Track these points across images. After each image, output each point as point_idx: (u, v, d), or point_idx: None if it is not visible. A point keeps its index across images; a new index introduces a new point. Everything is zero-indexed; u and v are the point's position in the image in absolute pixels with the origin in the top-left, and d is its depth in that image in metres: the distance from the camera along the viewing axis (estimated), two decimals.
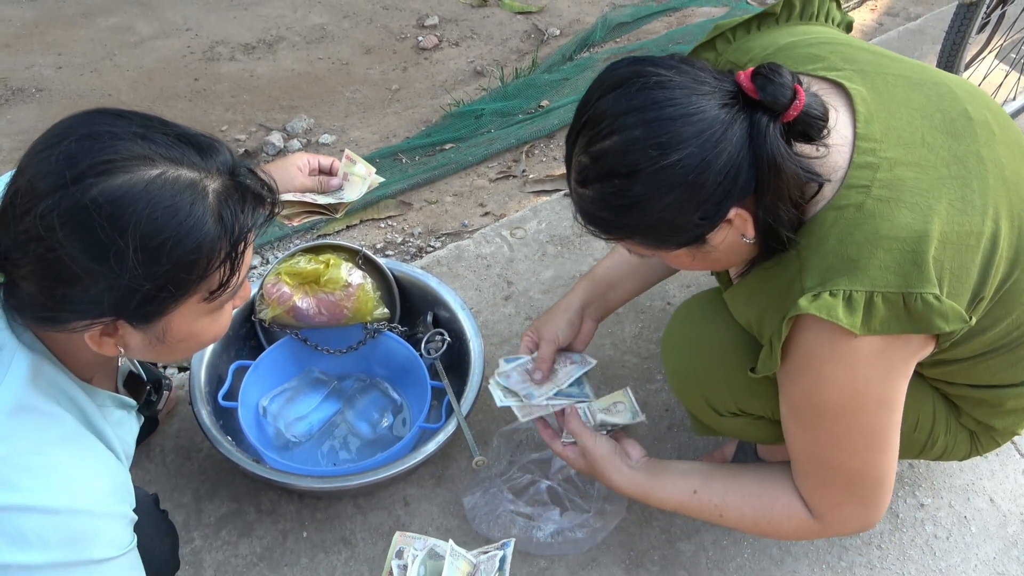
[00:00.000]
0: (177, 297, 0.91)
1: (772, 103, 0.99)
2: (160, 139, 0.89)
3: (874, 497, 1.19)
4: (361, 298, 1.76)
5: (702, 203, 1.01)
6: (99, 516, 0.92)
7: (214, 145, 0.93)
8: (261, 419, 1.71)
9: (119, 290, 0.87)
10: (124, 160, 0.86)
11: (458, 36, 3.10)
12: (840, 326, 1.02)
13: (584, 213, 1.10)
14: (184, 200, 0.87)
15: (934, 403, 1.32)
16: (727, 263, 1.15)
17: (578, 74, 2.88)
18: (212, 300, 0.96)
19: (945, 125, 1.10)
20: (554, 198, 2.31)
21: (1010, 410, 1.33)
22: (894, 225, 1.03)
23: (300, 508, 1.65)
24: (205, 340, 1.01)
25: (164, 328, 0.94)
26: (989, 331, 1.16)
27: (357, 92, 2.84)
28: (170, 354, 1.01)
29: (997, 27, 2.35)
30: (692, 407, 1.44)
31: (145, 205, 0.85)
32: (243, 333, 1.79)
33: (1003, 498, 1.70)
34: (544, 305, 2.03)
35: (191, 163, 0.90)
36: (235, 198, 0.93)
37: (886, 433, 1.14)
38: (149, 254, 0.86)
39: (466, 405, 1.65)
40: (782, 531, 1.27)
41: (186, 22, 3.12)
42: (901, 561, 1.61)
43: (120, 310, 0.89)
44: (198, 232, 0.88)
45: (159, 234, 0.86)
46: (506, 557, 1.34)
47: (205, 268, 0.91)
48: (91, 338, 0.92)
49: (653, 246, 1.10)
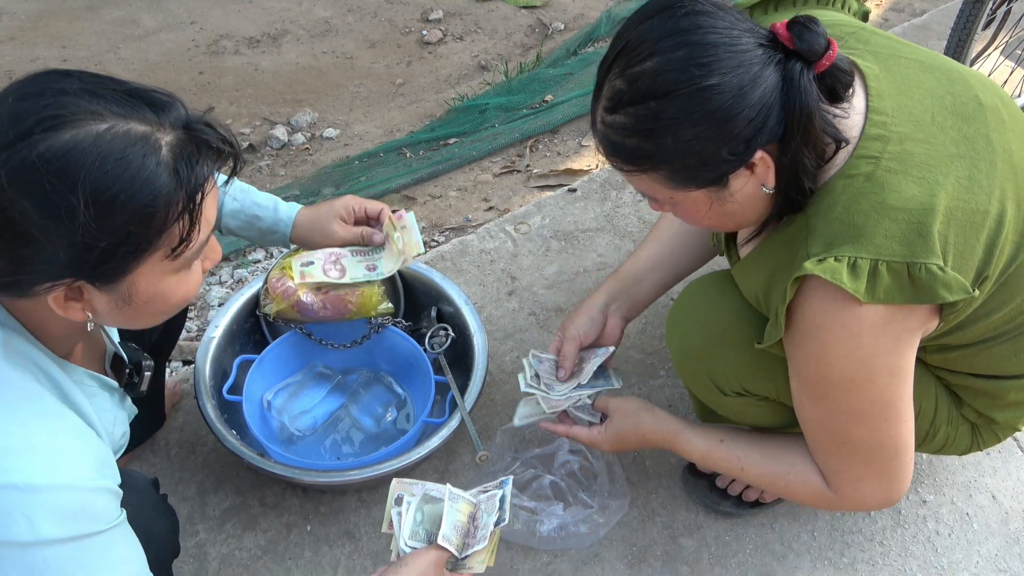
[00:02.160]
0: (137, 254, 0.89)
1: (807, 51, 1.01)
2: (109, 95, 0.88)
3: (894, 469, 1.19)
4: (365, 293, 1.76)
5: (733, 137, 1.01)
6: (84, 491, 0.91)
7: (168, 101, 0.91)
8: (265, 413, 1.72)
9: (75, 247, 0.85)
10: (71, 115, 0.84)
11: (462, 30, 3.10)
12: (844, 290, 1.03)
13: (609, 143, 1.08)
14: (135, 153, 0.85)
15: (936, 392, 1.33)
16: (741, 217, 1.14)
17: (582, 69, 2.88)
18: (176, 257, 0.93)
19: (956, 107, 1.11)
20: (558, 193, 2.31)
21: (1012, 403, 1.33)
22: (901, 196, 1.04)
23: (304, 502, 1.66)
24: (174, 301, 0.98)
25: (129, 289, 0.92)
26: (993, 315, 1.17)
27: (361, 86, 2.84)
28: (139, 317, 0.98)
29: (1003, 23, 2.34)
30: (696, 387, 1.44)
31: (94, 159, 0.83)
32: (247, 327, 1.80)
33: (1005, 495, 1.70)
34: (548, 301, 2.03)
35: (142, 118, 0.88)
36: (190, 150, 0.90)
37: (898, 402, 1.14)
38: (101, 209, 0.84)
39: (470, 400, 1.65)
40: (797, 495, 1.30)
41: (190, 15, 3.12)
42: (903, 557, 1.61)
43: (79, 269, 0.87)
44: (151, 185, 0.86)
45: (110, 188, 0.84)
46: (505, 496, 1.33)
47: (163, 222, 0.88)
48: (55, 301, 0.90)
49: (674, 183, 1.08)
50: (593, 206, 2.26)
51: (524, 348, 1.93)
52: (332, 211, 1.52)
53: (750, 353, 1.27)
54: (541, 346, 1.93)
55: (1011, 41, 2.48)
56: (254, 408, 1.68)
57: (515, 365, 1.90)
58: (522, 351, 1.92)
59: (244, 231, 1.50)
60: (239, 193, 1.48)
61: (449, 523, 1.28)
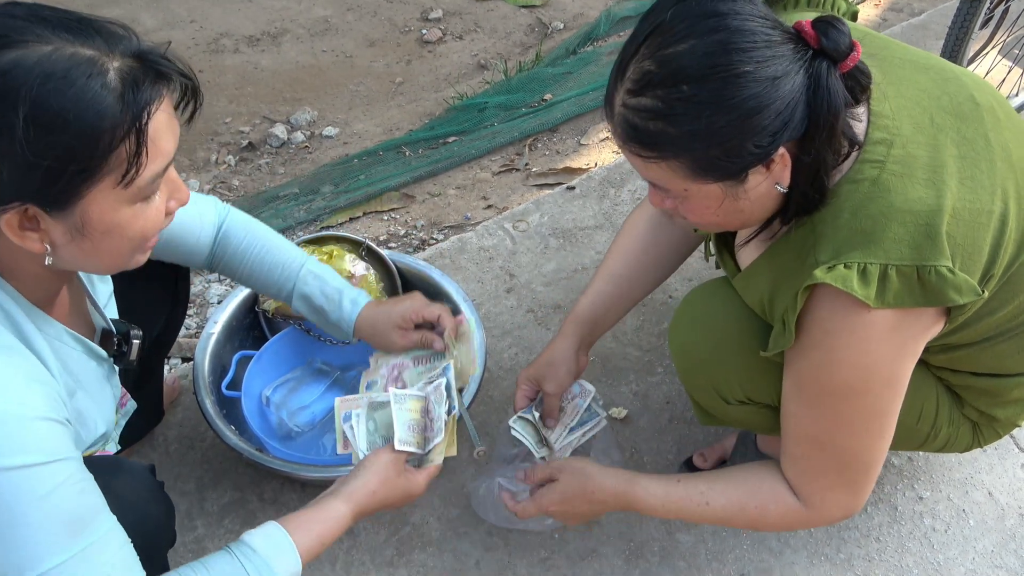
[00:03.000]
0: (84, 176, 0.88)
1: (833, 50, 0.99)
2: (58, 22, 0.87)
3: (863, 483, 1.20)
4: (364, 289, 1.77)
5: (760, 130, 0.99)
6: (29, 419, 0.90)
7: (121, 33, 0.91)
8: (264, 409, 1.72)
9: (18, 167, 0.84)
10: (17, 37, 0.84)
11: (462, 29, 3.10)
12: (855, 297, 1.03)
13: (629, 127, 1.03)
14: (79, 73, 0.85)
15: (938, 394, 1.33)
16: (748, 216, 1.12)
17: (581, 68, 2.89)
18: (128, 185, 0.91)
19: (953, 107, 1.11)
20: (556, 191, 2.32)
21: (1013, 400, 1.34)
22: (908, 199, 1.04)
23: (303, 497, 1.66)
24: (131, 234, 0.96)
25: (82, 217, 0.91)
26: (996, 313, 1.17)
27: (361, 85, 2.85)
28: (100, 254, 0.96)
29: (1000, 23, 2.35)
30: (698, 395, 1.44)
31: (36, 77, 0.83)
32: (246, 324, 1.80)
33: (1001, 492, 1.71)
34: (546, 298, 2.04)
35: (91, 44, 0.87)
36: (137, 74, 0.89)
37: (887, 416, 1.15)
38: (42, 126, 0.83)
39: (468, 396, 1.66)
40: (768, 515, 1.26)
41: (191, 14, 3.13)
42: (899, 553, 1.62)
43: (26, 191, 0.87)
44: (96, 105, 0.85)
45: (51, 106, 0.84)
46: (450, 382, 1.35)
47: (108, 144, 0.87)
48: (8, 227, 0.89)
49: (692, 173, 1.04)
50: (591, 204, 2.26)
51: (522, 345, 1.94)
52: (391, 320, 1.47)
53: (755, 362, 1.26)
54: (540, 343, 1.93)
55: (1009, 41, 2.49)
56: (253, 404, 1.68)
57: (513, 362, 1.90)
58: (520, 348, 1.93)
59: (312, 317, 1.49)
60: (312, 279, 1.45)
61: (402, 424, 1.26)
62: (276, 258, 1.45)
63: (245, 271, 1.46)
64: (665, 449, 1.76)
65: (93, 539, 0.94)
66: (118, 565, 0.96)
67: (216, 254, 1.44)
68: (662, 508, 1.31)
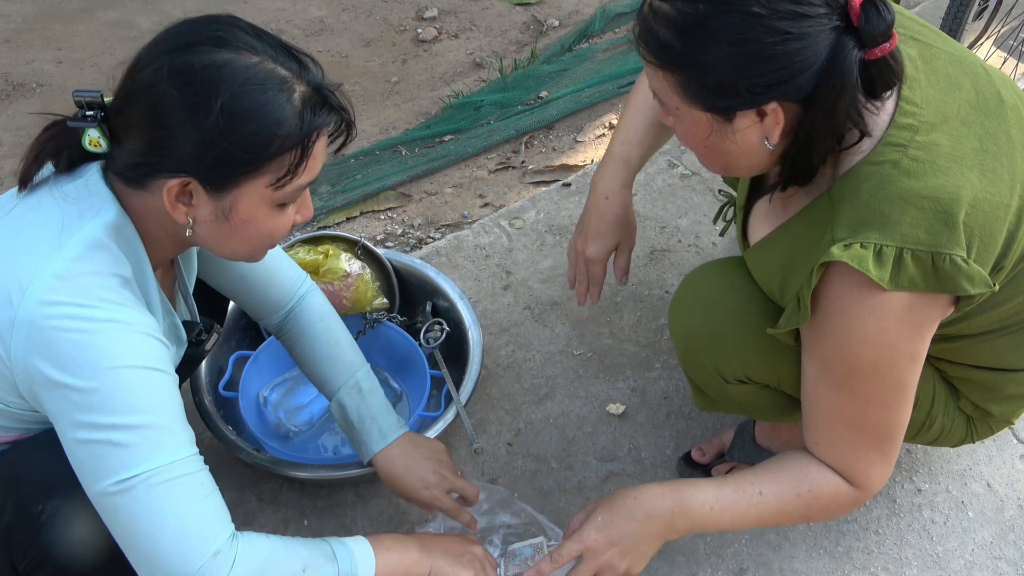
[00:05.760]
0: (248, 169, 1.01)
1: (867, 34, 0.99)
2: (269, 40, 1.04)
3: (895, 451, 1.21)
4: (360, 288, 1.77)
5: (756, 75, 1.00)
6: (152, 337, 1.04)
7: (310, 62, 1.06)
8: (262, 409, 1.72)
9: (201, 144, 0.98)
10: (235, 42, 1.00)
11: (457, 28, 3.10)
12: (869, 278, 1.03)
13: (647, 29, 1.05)
14: (272, 85, 1.00)
15: (934, 383, 1.33)
16: (732, 159, 1.12)
17: (577, 65, 2.88)
18: (278, 188, 1.04)
19: (979, 103, 1.12)
20: (552, 188, 2.32)
21: (1009, 396, 1.34)
22: (927, 185, 1.04)
23: (301, 497, 1.66)
24: (263, 230, 1.09)
25: (232, 203, 1.04)
26: (1001, 307, 1.18)
27: (357, 84, 2.84)
28: (231, 238, 1.09)
29: (994, 14, 2.35)
30: (697, 375, 1.43)
31: (239, 79, 0.98)
32: (243, 324, 1.80)
33: (1000, 483, 1.71)
34: (542, 295, 2.04)
35: (287, 66, 1.03)
36: (315, 102, 1.04)
37: (912, 387, 1.15)
38: (231, 116, 0.98)
39: (465, 393, 1.66)
40: (822, 497, 1.21)
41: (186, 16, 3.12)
42: (898, 546, 1.62)
43: (198, 166, 1.00)
44: (277, 113, 1.00)
45: (243, 104, 0.98)
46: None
47: (278, 148, 1.01)
48: (168, 194, 1.01)
49: (685, 93, 1.05)
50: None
51: (519, 342, 1.94)
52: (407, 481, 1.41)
53: (754, 340, 1.26)
54: (537, 340, 1.93)
55: (1003, 32, 2.49)
56: (250, 404, 1.68)
57: (510, 359, 1.90)
58: (517, 345, 1.93)
59: (341, 426, 1.47)
60: (355, 393, 1.44)
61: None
62: (336, 355, 1.47)
63: (304, 351, 1.48)
64: (663, 444, 1.76)
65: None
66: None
67: (288, 320, 1.48)
68: (717, 507, 1.21)
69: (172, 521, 1.01)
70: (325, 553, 1.13)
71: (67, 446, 1.01)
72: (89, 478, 1.00)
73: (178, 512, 1.01)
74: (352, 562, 1.13)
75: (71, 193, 1.05)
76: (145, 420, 1.00)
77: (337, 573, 1.11)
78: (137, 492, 0.99)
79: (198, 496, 1.04)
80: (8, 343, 0.98)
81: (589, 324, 1.97)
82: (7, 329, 0.98)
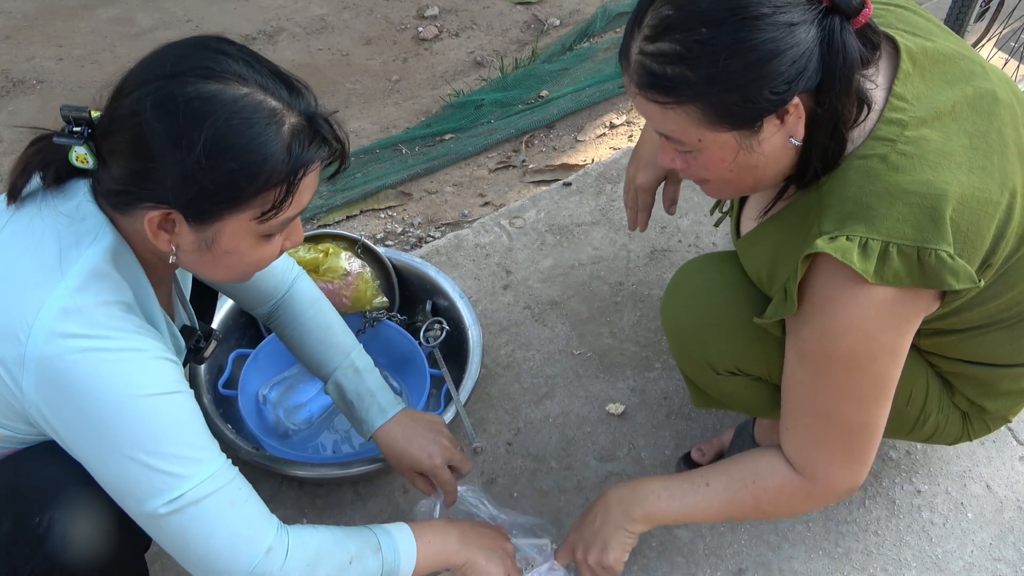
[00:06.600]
0: (232, 204, 0.99)
1: (844, 5, 1.00)
2: (259, 68, 1.00)
3: (864, 455, 1.20)
4: (360, 287, 1.77)
5: (776, 76, 1.00)
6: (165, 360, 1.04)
7: (303, 89, 1.03)
8: (261, 407, 1.72)
9: (183, 177, 0.96)
10: (222, 72, 0.97)
11: (458, 26, 3.10)
12: (854, 270, 1.03)
13: (647, 74, 1.04)
14: (260, 119, 0.97)
15: (928, 378, 1.33)
16: (761, 172, 1.12)
17: (578, 64, 2.88)
18: (263, 222, 1.02)
19: (973, 101, 1.12)
20: (553, 188, 2.31)
21: (1003, 392, 1.34)
22: (915, 180, 1.04)
23: (300, 495, 1.66)
24: (247, 261, 1.07)
25: (214, 235, 1.02)
26: (990, 303, 1.18)
27: (357, 83, 2.84)
28: (215, 266, 1.07)
29: (996, 15, 2.35)
30: (689, 367, 1.44)
31: (225, 112, 0.95)
32: (242, 322, 1.80)
33: (999, 484, 1.71)
34: (542, 294, 2.03)
35: (278, 96, 0.99)
36: (306, 135, 1.01)
37: (889, 385, 1.15)
38: (215, 151, 0.95)
39: (464, 393, 1.66)
40: (768, 489, 1.26)
41: (187, 13, 3.13)
42: (897, 547, 1.62)
43: (179, 199, 0.98)
44: (263, 149, 0.97)
45: (227, 139, 0.95)
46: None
47: (263, 184, 0.98)
48: (150, 223, 0.99)
49: (708, 120, 1.04)
50: (588, 200, 2.26)
51: (519, 342, 1.94)
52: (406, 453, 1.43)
53: (745, 329, 1.27)
54: (537, 339, 1.93)
55: (1005, 33, 2.49)
56: (250, 403, 1.68)
57: (510, 359, 1.90)
58: (517, 344, 1.93)
59: (339, 405, 1.48)
60: (352, 373, 1.45)
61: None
62: (329, 338, 1.46)
63: (296, 337, 1.48)
64: (663, 444, 1.76)
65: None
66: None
67: (279, 308, 1.48)
68: (665, 495, 1.31)
69: (220, 531, 1.04)
70: (371, 544, 1.18)
71: (97, 473, 1.02)
72: (130, 500, 1.02)
73: (225, 521, 1.04)
74: (396, 553, 1.19)
75: (65, 215, 1.03)
76: (177, 444, 1.01)
77: (382, 564, 1.17)
78: (184, 512, 1.01)
79: (241, 501, 1.07)
80: (19, 380, 0.97)
81: (589, 324, 1.97)
82: (16, 366, 0.97)
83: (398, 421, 1.43)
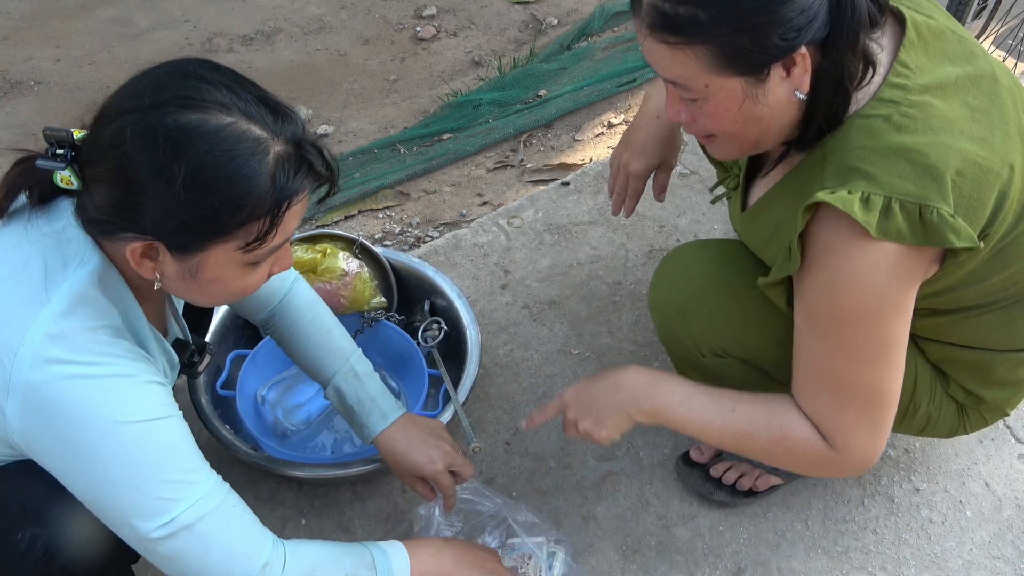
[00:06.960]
0: (214, 236, 0.97)
1: None
2: (243, 95, 0.97)
3: (884, 419, 1.18)
4: (358, 287, 1.77)
5: (786, 21, 1.00)
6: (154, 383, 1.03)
7: (290, 115, 1.00)
8: (260, 408, 1.72)
9: (164, 211, 0.94)
10: (204, 101, 0.94)
11: (456, 26, 3.10)
12: (856, 222, 1.04)
13: (658, 14, 1.04)
14: (244, 150, 0.94)
15: (917, 366, 1.33)
16: (765, 125, 1.12)
17: (576, 63, 2.88)
18: (248, 252, 1.00)
19: (975, 79, 1.13)
20: (551, 187, 2.31)
21: (1000, 380, 1.34)
22: (918, 140, 1.05)
23: (299, 495, 1.66)
24: (233, 289, 1.06)
25: (198, 264, 1.00)
26: (986, 280, 1.18)
27: (355, 83, 2.84)
28: (200, 293, 1.06)
29: (994, 13, 2.35)
30: (676, 350, 1.45)
31: (206, 144, 0.92)
32: (240, 322, 1.80)
33: (998, 483, 1.71)
34: (541, 294, 2.03)
35: (263, 123, 0.96)
36: (292, 163, 0.98)
37: (899, 345, 1.14)
38: (196, 186, 0.93)
39: (463, 392, 1.66)
40: (791, 437, 1.21)
41: (184, 14, 3.12)
42: (896, 545, 1.62)
43: (160, 232, 0.96)
44: (247, 182, 0.94)
45: (209, 172, 0.93)
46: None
47: (246, 217, 0.96)
48: (132, 253, 0.98)
49: (716, 64, 1.05)
50: (586, 199, 2.26)
51: (518, 341, 1.93)
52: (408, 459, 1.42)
53: (727, 309, 1.28)
54: (536, 339, 1.93)
55: (1002, 31, 2.49)
56: (248, 403, 1.68)
57: (508, 358, 1.90)
58: (516, 344, 1.93)
59: (339, 410, 1.48)
60: (351, 378, 1.45)
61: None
62: (327, 343, 1.46)
63: (295, 342, 1.47)
64: (661, 443, 1.76)
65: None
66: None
67: (276, 314, 1.47)
68: (685, 403, 1.25)
69: (216, 549, 1.04)
70: (366, 561, 1.17)
71: (86, 499, 1.01)
72: (122, 526, 1.01)
73: (220, 539, 1.04)
74: (390, 573, 1.19)
75: (51, 236, 1.01)
76: (168, 469, 1.01)
77: None
78: (178, 535, 1.01)
79: (235, 517, 1.07)
80: (2, 406, 0.96)
81: (587, 323, 1.97)
82: (1, 392, 0.95)
83: (399, 426, 1.43)
